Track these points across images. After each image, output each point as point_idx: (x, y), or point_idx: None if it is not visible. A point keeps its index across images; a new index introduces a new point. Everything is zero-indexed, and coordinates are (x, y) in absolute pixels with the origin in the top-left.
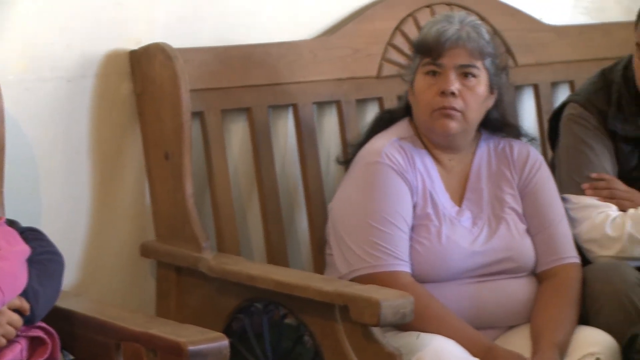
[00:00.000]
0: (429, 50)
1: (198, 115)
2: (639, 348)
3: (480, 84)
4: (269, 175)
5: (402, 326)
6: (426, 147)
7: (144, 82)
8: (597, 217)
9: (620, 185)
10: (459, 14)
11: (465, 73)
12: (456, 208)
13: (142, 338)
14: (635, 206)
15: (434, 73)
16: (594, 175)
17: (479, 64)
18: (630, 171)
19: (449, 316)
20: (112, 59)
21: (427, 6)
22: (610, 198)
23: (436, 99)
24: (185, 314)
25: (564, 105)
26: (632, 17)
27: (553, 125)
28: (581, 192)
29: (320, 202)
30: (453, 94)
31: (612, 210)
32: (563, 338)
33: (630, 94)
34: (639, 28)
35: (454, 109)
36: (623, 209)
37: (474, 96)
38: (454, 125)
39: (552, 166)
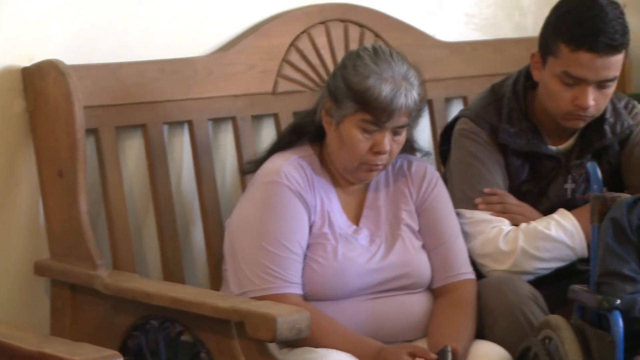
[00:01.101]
0: (375, 112)
1: (92, 132)
2: None
3: (405, 132)
4: (164, 191)
5: (295, 342)
6: (325, 167)
7: (37, 99)
8: (491, 232)
9: (512, 200)
10: (397, 65)
11: (398, 131)
12: (353, 227)
13: (36, 357)
14: (527, 220)
15: (367, 130)
16: (486, 190)
17: (409, 119)
18: (520, 185)
19: (338, 329)
20: (3, 76)
21: (322, 23)
22: (503, 212)
23: (368, 156)
24: (81, 332)
25: (455, 120)
26: (523, 34)
27: (445, 140)
28: (474, 207)
29: (216, 218)
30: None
31: (505, 224)
32: (461, 352)
33: (520, 108)
34: (562, 56)
35: (381, 164)
36: (515, 223)
37: (399, 146)
38: (375, 175)
39: (445, 180)
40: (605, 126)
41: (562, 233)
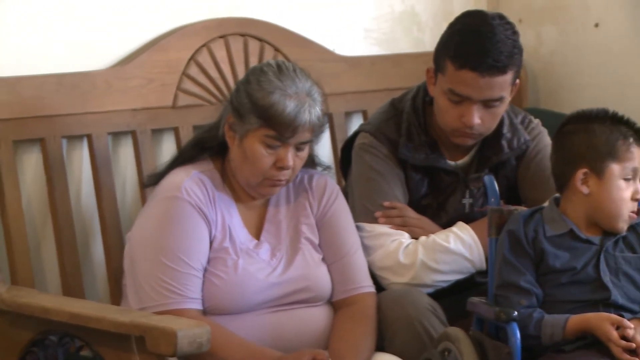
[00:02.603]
0: (278, 128)
1: None
2: None
3: (307, 147)
4: (63, 206)
5: (196, 357)
6: (226, 182)
7: None
8: (391, 245)
9: (411, 213)
10: (301, 82)
11: (301, 147)
12: (254, 241)
13: None
14: (426, 233)
15: (271, 146)
16: (386, 203)
17: (312, 135)
18: (420, 199)
19: (238, 342)
20: None
21: (221, 37)
22: (402, 226)
23: (271, 171)
24: None
25: (355, 135)
26: (421, 49)
27: (345, 154)
28: (374, 220)
29: (116, 232)
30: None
31: (405, 237)
32: None
33: (419, 123)
34: (448, 73)
35: (284, 179)
36: (415, 236)
37: (302, 161)
38: (277, 190)
39: (345, 194)
40: (503, 141)
41: (460, 246)
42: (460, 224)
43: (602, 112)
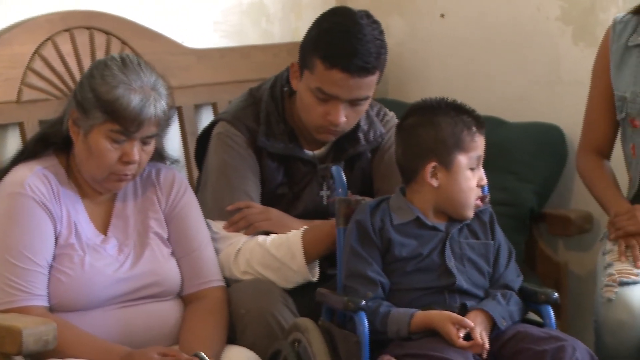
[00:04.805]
0: (123, 123)
1: None
2: None
3: (154, 141)
4: None
5: (42, 354)
6: (71, 177)
7: None
8: (226, 250)
9: (255, 209)
10: (146, 76)
11: (147, 141)
12: (101, 237)
13: None
14: (273, 225)
15: (116, 140)
16: (229, 207)
17: (158, 129)
18: (276, 188)
19: (85, 338)
20: None
21: (66, 30)
22: (248, 226)
23: (117, 166)
24: None
25: (213, 124)
26: (270, 40)
27: (202, 144)
28: (222, 218)
29: None
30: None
31: (240, 243)
32: (213, 358)
33: (278, 112)
34: (317, 72)
35: (130, 174)
36: (262, 230)
37: (148, 155)
38: (124, 185)
39: (199, 184)
40: (359, 134)
41: (285, 254)
42: (295, 232)
43: (442, 102)
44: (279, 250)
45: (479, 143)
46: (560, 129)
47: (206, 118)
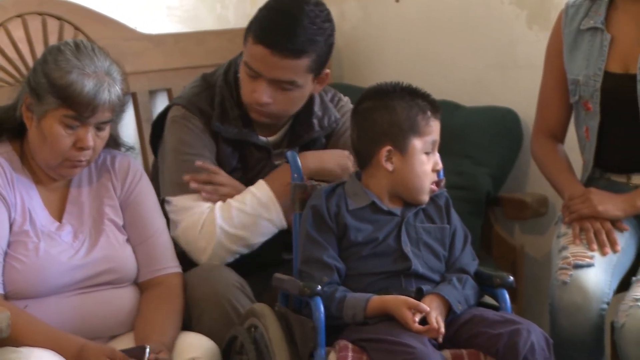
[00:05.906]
0: (77, 108)
1: None
2: (238, 349)
3: (108, 127)
4: None
5: None
6: (25, 164)
7: None
8: (191, 218)
9: (221, 177)
10: (100, 61)
11: (101, 127)
12: (56, 224)
13: None
14: (237, 192)
15: (70, 126)
16: (198, 163)
17: (113, 114)
18: (230, 173)
19: (39, 327)
20: None
21: (19, 16)
22: (213, 192)
23: (71, 152)
24: None
25: (168, 109)
26: (225, 26)
27: (157, 129)
28: (181, 192)
29: None
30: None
31: (205, 207)
32: (167, 345)
33: (232, 97)
34: (247, 46)
35: (85, 160)
36: (224, 195)
37: (103, 141)
38: (78, 171)
39: (156, 170)
40: (314, 119)
41: (257, 206)
42: (260, 182)
43: (397, 86)
44: (250, 206)
45: (434, 127)
46: (515, 113)
47: (161, 104)
